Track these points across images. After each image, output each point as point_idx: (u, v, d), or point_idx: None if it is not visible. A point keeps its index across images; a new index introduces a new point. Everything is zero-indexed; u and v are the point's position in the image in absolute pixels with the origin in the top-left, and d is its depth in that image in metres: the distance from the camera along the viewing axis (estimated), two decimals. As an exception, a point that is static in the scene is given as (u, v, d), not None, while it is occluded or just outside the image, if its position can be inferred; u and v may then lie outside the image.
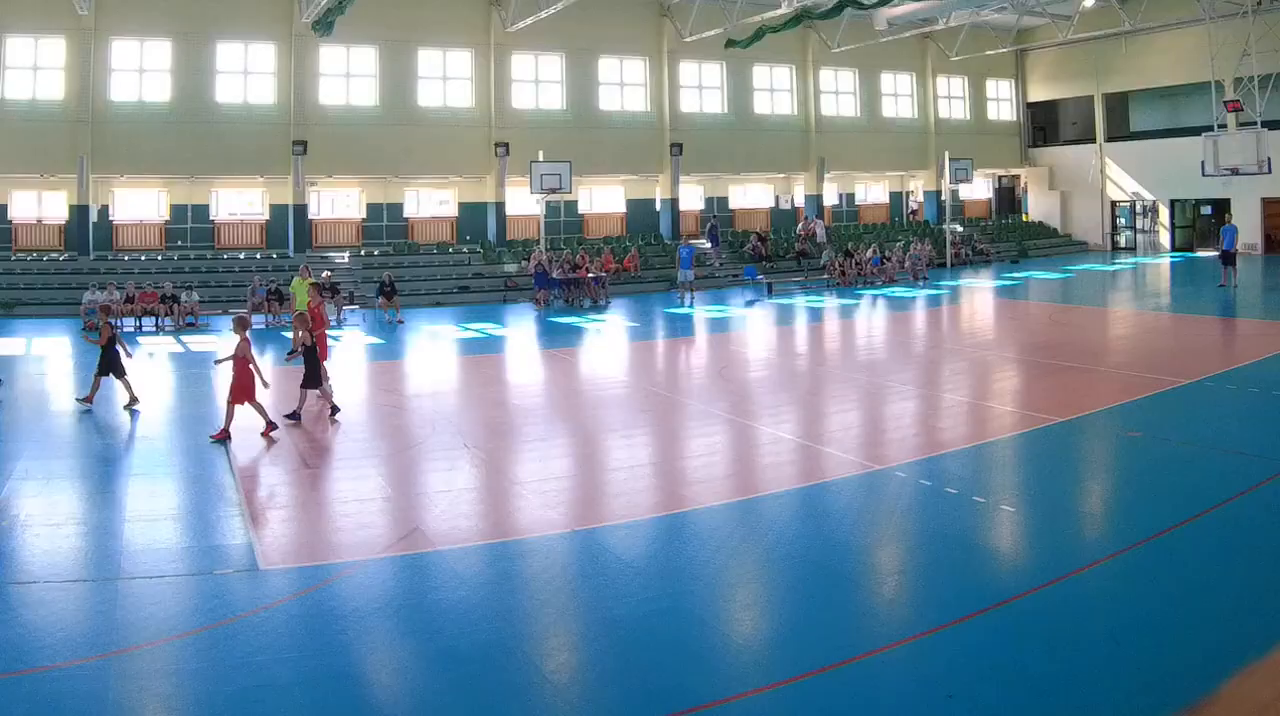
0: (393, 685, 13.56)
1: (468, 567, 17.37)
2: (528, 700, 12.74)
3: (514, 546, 18.36)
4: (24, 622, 14.77)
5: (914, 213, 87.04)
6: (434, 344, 44.86)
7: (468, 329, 49.94)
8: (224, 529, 19.42)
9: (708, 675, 13.26)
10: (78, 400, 30.84)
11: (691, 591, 16.09)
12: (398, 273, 58.35)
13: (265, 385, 27.41)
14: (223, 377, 30.04)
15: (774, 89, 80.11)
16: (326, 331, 30.25)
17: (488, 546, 18.44)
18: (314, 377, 28.40)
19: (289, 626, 14.92)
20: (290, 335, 40.14)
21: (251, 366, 26.49)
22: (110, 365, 30.45)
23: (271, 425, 26.68)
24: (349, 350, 44.50)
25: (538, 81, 72.03)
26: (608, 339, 47.73)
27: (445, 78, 69.22)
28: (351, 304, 55.91)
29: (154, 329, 50.27)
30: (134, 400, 30.33)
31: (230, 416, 26.12)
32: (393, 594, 16.25)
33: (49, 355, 42.26)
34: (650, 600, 15.75)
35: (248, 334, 26.64)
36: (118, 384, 30.67)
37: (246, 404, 26.31)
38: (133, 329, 50.50)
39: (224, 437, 25.80)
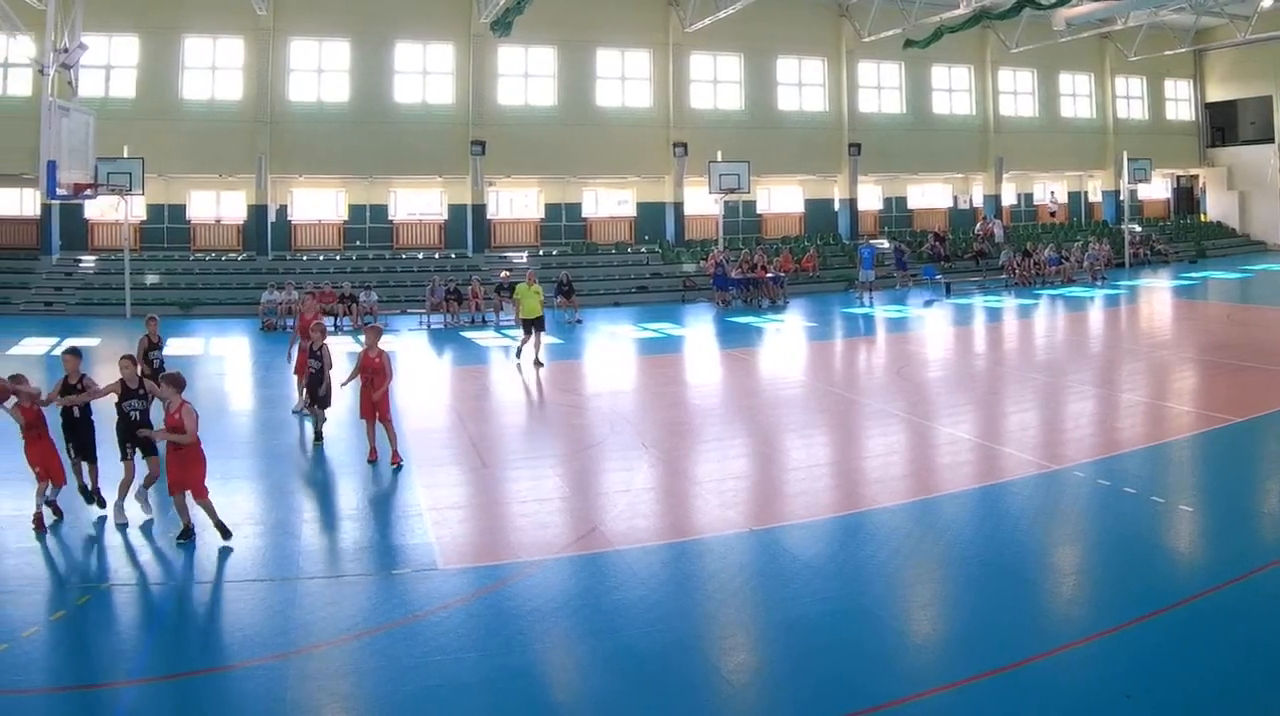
0: (570, 685, 13.52)
1: (646, 567, 17.28)
2: (705, 699, 12.71)
3: (692, 546, 18.27)
4: (205, 622, 14.89)
5: (1054, 214, 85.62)
6: (612, 343, 44.86)
7: (646, 329, 49.88)
8: (403, 528, 19.53)
9: (885, 675, 13.18)
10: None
11: (869, 591, 15.97)
12: (576, 272, 58.39)
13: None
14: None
15: (952, 89, 79.09)
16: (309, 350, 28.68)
17: (666, 546, 18.37)
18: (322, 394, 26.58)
19: (467, 626, 14.90)
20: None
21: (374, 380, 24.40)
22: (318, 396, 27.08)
23: (374, 453, 24.60)
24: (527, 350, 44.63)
25: (716, 82, 71.65)
26: (786, 339, 47.43)
27: (623, 78, 69.17)
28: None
29: (332, 328, 50.52)
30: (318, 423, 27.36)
31: (391, 435, 24.65)
32: (571, 593, 16.20)
33: (226, 355, 42.91)
34: (828, 600, 15.59)
35: (380, 344, 25.62)
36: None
37: (375, 421, 24.38)
38: (311, 329, 50.73)
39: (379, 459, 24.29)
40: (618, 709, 12.60)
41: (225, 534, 18.00)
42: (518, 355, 37.82)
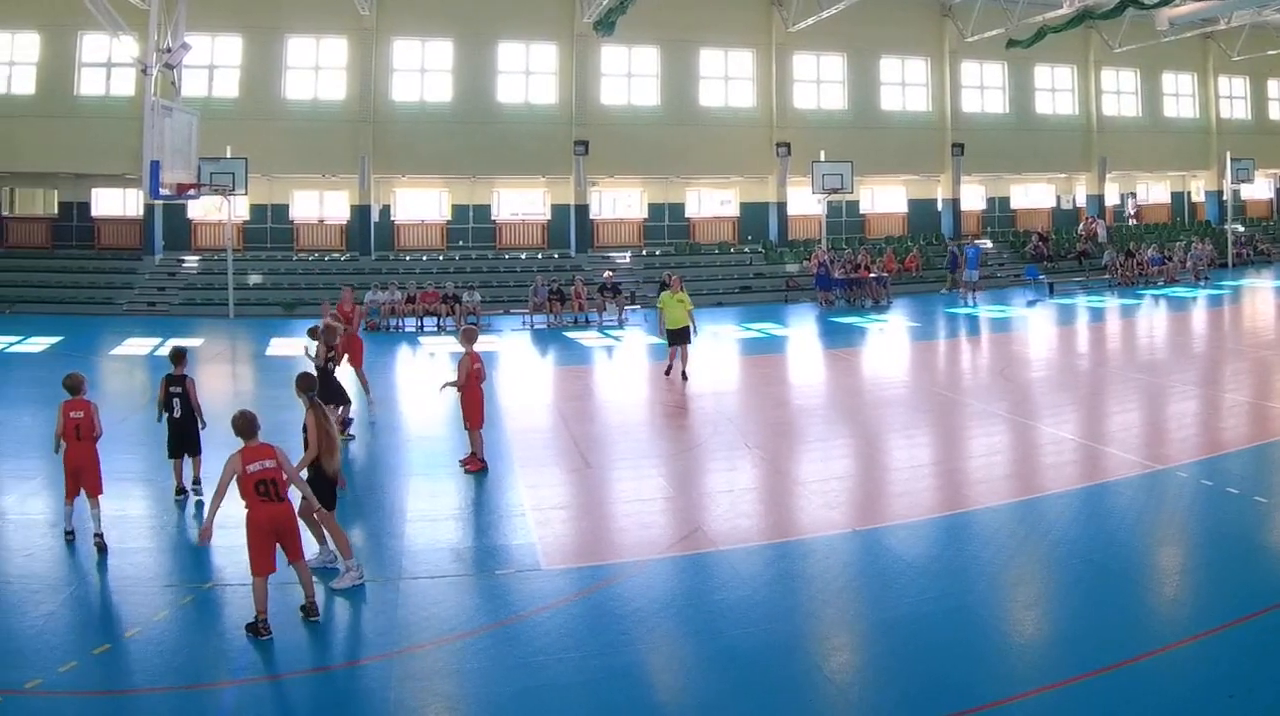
0: (673, 685, 13.48)
1: (749, 567, 17.21)
2: (808, 699, 12.65)
3: (795, 546, 18.22)
4: (307, 622, 14.85)
5: (1133, 215, 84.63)
6: (715, 344, 44.53)
7: (749, 329, 49.82)
8: (506, 528, 19.52)
9: (988, 675, 13.15)
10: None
11: (972, 591, 15.90)
12: (679, 272, 58.22)
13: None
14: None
15: (1055, 89, 78.20)
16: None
17: (769, 546, 18.31)
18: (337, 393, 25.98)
19: (570, 626, 14.87)
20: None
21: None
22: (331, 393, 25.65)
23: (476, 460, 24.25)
24: (630, 349, 44.98)
25: (819, 81, 71.28)
26: (889, 339, 47.24)
27: (727, 78, 68.95)
28: (633, 303, 56.02)
29: (435, 329, 50.88)
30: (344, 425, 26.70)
31: (472, 443, 24.37)
32: (674, 593, 16.16)
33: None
34: (931, 600, 15.52)
35: (475, 348, 25.36)
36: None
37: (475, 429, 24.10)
38: (414, 329, 51.69)
39: (476, 468, 23.69)
40: (720, 709, 12.56)
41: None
42: (667, 372, 35.89)
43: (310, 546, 16.61)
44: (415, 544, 18.59)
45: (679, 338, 34.62)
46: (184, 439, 21.30)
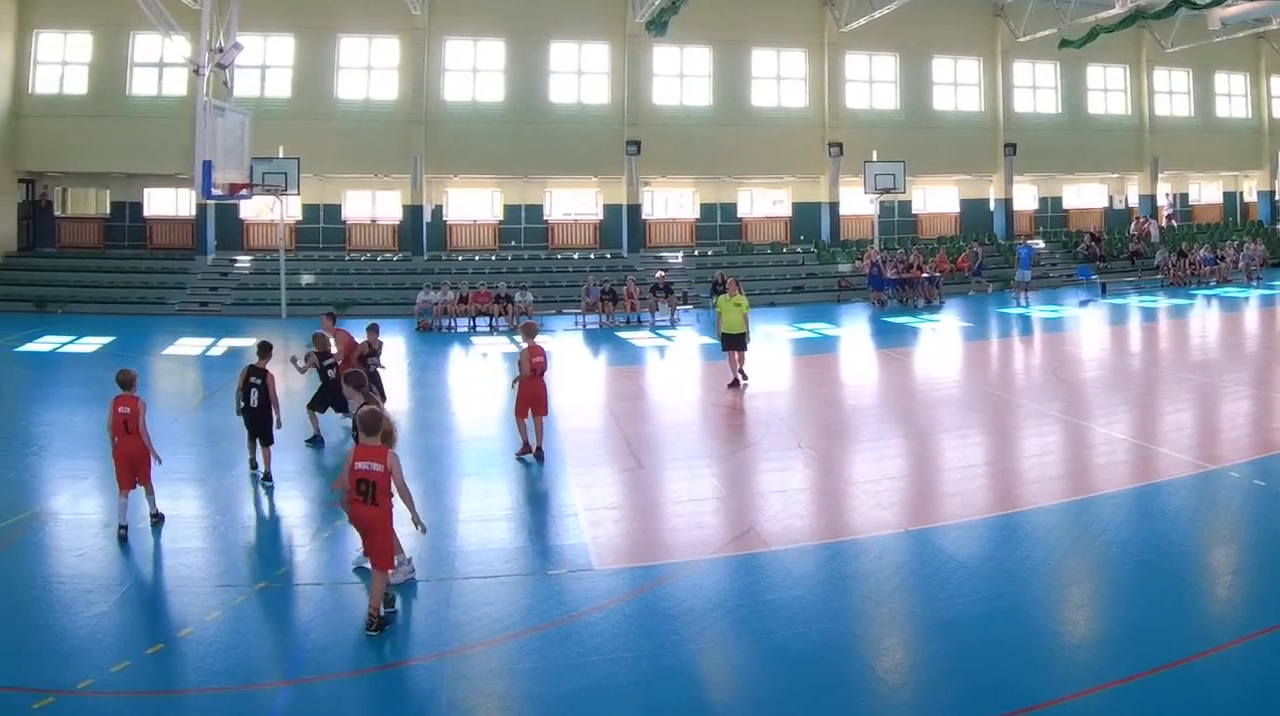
0: (726, 685, 13.47)
1: (801, 567, 17.18)
2: (861, 699, 12.67)
3: (847, 546, 18.17)
4: (360, 623, 14.80)
5: (1171, 216, 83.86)
6: (768, 343, 44.29)
7: (801, 328, 49.71)
8: (558, 528, 19.58)
9: (1041, 674, 13.13)
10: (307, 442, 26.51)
11: (1025, 591, 15.86)
12: (731, 272, 58.12)
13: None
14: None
15: (1107, 89, 77.89)
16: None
17: (821, 546, 18.27)
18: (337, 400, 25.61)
19: (622, 626, 14.88)
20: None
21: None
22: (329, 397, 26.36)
23: (539, 451, 24.93)
24: (682, 350, 44.97)
25: (871, 81, 71.12)
26: (941, 339, 47.14)
27: (779, 78, 68.89)
28: (685, 304, 55.99)
29: (488, 329, 50.98)
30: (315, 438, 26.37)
31: (538, 430, 24.97)
32: (726, 594, 16.14)
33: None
34: (984, 599, 15.52)
35: (537, 341, 25.47)
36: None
37: (526, 418, 24.68)
38: (466, 329, 51.72)
39: (526, 452, 24.65)
40: (773, 709, 12.52)
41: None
42: (730, 385, 34.16)
43: (355, 545, 16.65)
44: (468, 544, 18.62)
45: (731, 343, 34.09)
46: (257, 426, 22.36)
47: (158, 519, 19.25)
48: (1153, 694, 12.42)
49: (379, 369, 27.40)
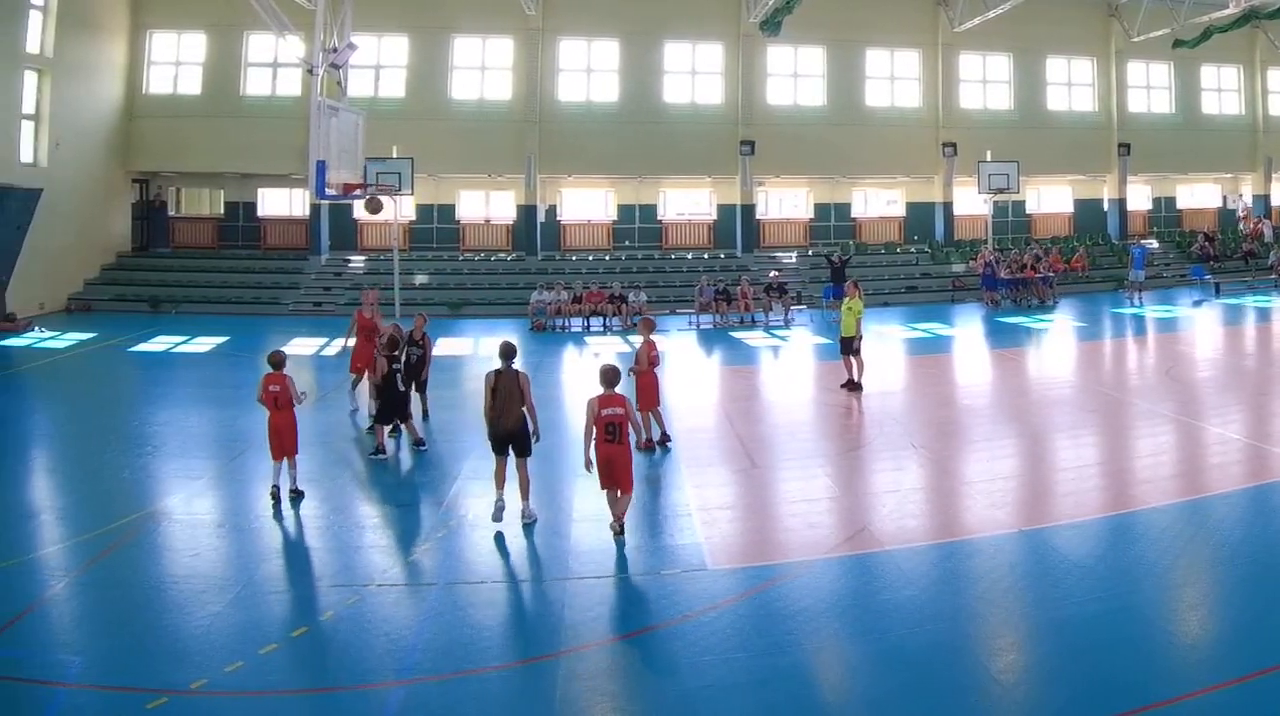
0: (839, 685, 13.46)
1: (915, 567, 17.18)
2: (975, 700, 12.61)
3: (961, 546, 18.13)
4: (473, 622, 14.98)
5: (1244, 217, 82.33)
6: (882, 344, 43.95)
7: (915, 329, 49.46)
8: (672, 528, 19.56)
9: (1156, 674, 13.10)
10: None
11: (1139, 591, 15.78)
12: (850, 274, 58.06)
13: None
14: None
15: (1221, 89, 76.97)
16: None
17: (935, 546, 18.27)
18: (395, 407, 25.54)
19: (736, 626, 14.86)
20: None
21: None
22: (393, 408, 25.59)
23: (664, 437, 25.88)
24: (796, 350, 44.83)
25: (985, 81, 70.63)
26: (1055, 339, 46.70)
27: (892, 78, 68.59)
28: (799, 304, 55.90)
29: (601, 328, 51.11)
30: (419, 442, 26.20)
31: (657, 422, 25.71)
32: (839, 594, 16.16)
33: (494, 356, 43.05)
34: (1098, 599, 15.42)
35: (652, 337, 26.06)
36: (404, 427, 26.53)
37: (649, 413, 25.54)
38: (580, 329, 51.86)
39: (649, 447, 25.15)
40: (887, 709, 12.56)
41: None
42: (843, 385, 33.77)
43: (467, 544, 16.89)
44: (581, 544, 18.66)
45: (844, 347, 33.80)
46: (394, 406, 24.80)
47: (297, 494, 20.54)
48: (1266, 695, 12.33)
49: (414, 357, 26.92)
